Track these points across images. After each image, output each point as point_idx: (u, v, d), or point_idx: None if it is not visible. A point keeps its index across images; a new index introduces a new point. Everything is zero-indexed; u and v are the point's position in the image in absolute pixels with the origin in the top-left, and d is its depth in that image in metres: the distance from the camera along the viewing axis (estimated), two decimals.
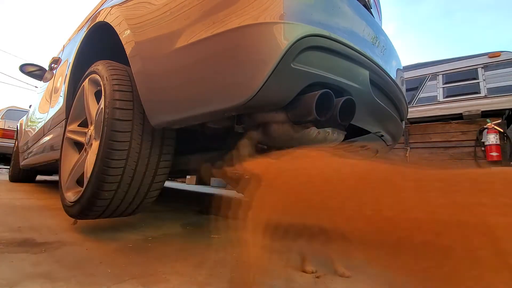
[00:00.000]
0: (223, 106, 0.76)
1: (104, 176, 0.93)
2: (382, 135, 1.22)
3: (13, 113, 6.57)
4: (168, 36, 0.88)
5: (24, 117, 3.58)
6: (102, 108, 1.03)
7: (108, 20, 1.17)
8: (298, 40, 0.71)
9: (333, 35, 0.79)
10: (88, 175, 1.00)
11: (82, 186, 1.10)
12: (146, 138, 0.99)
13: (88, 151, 1.14)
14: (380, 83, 1.02)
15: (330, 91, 0.77)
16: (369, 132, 1.16)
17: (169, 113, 0.88)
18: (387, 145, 1.40)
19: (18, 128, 3.71)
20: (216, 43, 0.76)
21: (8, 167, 4.38)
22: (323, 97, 0.76)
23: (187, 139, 1.67)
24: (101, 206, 1.00)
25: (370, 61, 0.93)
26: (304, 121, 0.82)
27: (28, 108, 3.80)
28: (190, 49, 0.81)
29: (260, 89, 0.70)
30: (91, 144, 1.13)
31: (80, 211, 1.03)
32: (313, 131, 0.93)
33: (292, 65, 0.71)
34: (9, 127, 6.31)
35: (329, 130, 0.99)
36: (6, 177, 4.45)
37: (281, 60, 0.69)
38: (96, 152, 0.98)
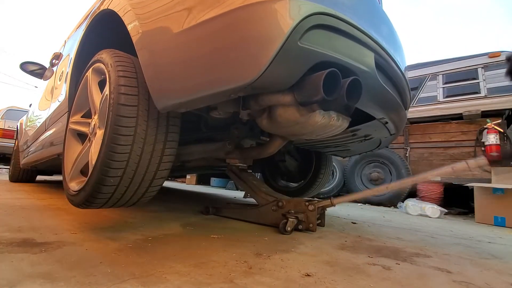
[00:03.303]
0: (230, 86, 0.76)
1: (109, 161, 0.93)
2: (387, 122, 1.22)
3: (13, 113, 6.58)
4: (173, 19, 0.88)
5: (24, 117, 3.57)
6: (107, 94, 1.03)
7: (113, 7, 1.18)
8: (306, 17, 0.71)
9: (339, 14, 0.79)
10: (93, 162, 1.00)
11: (85, 176, 1.09)
12: (152, 124, 0.99)
13: (92, 141, 1.14)
14: (385, 66, 1.02)
15: (336, 70, 0.77)
16: (373, 120, 1.16)
17: (175, 96, 0.88)
18: (391, 135, 1.40)
19: (18, 128, 3.70)
20: (222, 23, 0.76)
21: (8, 167, 4.37)
22: (330, 77, 0.76)
23: (190, 130, 1.67)
24: (106, 193, 1.00)
25: (376, 43, 0.93)
26: (311, 101, 0.82)
27: (28, 108, 3.80)
28: (196, 30, 0.81)
29: (267, 68, 0.70)
30: (95, 133, 1.12)
31: (85, 199, 1.02)
32: (318, 115, 0.92)
33: (299, 43, 0.71)
34: (9, 127, 6.31)
35: (334, 115, 0.98)
36: (6, 177, 4.44)
37: (288, 38, 0.69)
38: (101, 140, 0.98)
